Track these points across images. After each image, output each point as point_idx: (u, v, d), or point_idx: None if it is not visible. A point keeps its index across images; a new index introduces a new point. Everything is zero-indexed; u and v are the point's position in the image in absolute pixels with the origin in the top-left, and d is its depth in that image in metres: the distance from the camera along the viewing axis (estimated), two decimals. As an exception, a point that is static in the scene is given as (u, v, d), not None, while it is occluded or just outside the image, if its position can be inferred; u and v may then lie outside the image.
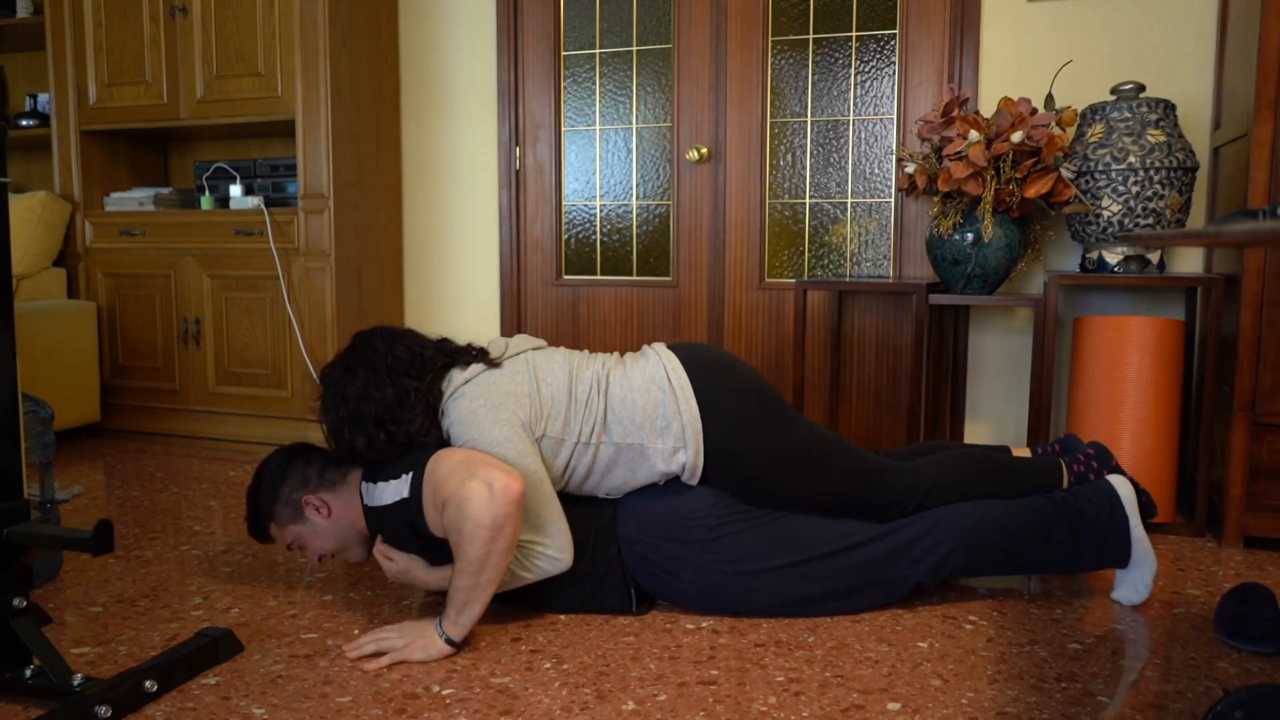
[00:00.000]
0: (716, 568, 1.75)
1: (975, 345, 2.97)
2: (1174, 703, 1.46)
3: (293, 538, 1.82)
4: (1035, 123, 2.44)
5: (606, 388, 1.76)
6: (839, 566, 1.76)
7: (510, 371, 1.75)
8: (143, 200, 3.48)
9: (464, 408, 1.70)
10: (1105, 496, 1.81)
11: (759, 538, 1.76)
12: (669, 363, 1.78)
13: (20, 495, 1.48)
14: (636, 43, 3.27)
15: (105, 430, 3.59)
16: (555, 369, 1.77)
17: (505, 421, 1.68)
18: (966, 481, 1.86)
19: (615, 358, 1.84)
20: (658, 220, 3.30)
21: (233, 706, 1.44)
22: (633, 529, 1.77)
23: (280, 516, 1.80)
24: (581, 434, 1.73)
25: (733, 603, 1.78)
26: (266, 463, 1.84)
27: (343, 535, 1.80)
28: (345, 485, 1.80)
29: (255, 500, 1.82)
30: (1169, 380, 2.33)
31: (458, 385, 1.73)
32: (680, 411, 1.73)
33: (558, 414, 1.73)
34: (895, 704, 1.45)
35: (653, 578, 1.79)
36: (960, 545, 1.77)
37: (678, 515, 1.76)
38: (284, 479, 1.80)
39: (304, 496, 1.78)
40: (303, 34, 3.14)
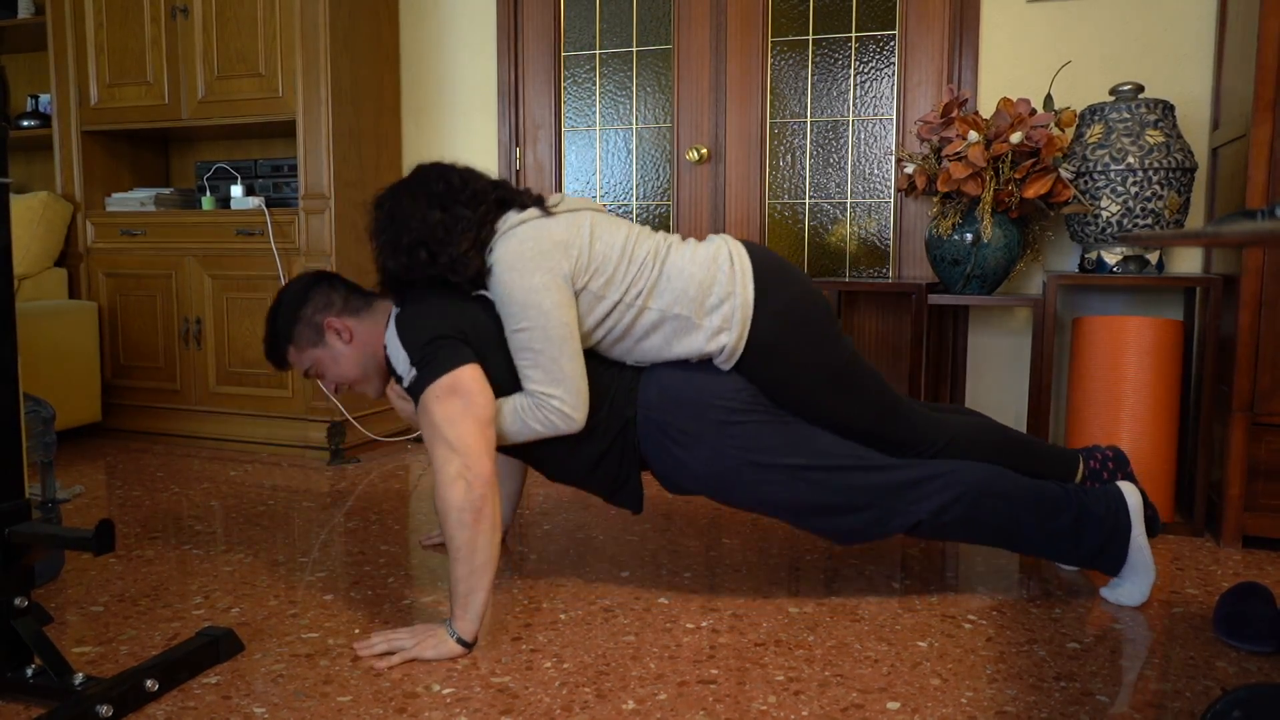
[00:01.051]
0: (728, 451, 1.75)
1: (974, 345, 2.97)
2: (1173, 702, 1.46)
3: (311, 363, 1.81)
4: (1034, 123, 2.44)
5: (666, 256, 1.76)
6: (847, 482, 1.76)
7: (565, 222, 1.73)
8: (144, 200, 3.49)
9: (512, 248, 1.69)
10: (1114, 500, 1.81)
11: (778, 433, 1.77)
12: (735, 247, 1.79)
13: (21, 495, 1.48)
14: (636, 43, 3.27)
15: (106, 430, 3.59)
16: (614, 230, 1.76)
17: (549, 269, 1.67)
18: (987, 446, 1.87)
19: (678, 236, 1.85)
20: (658, 221, 3.30)
21: (234, 706, 1.45)
22: (654, 395, 1.77)
23: (300, 339, 1.79)
24: (627, 295, 1.73)
25: (735, 489, 1.77)
26: (289, 286, 1.82)
27: (364, 363, 1.80)
28: (370, 312, 1.80)
29: (275, 321, 1.80)
30: (1168, 380, 2.33)
31: (512, 225, 1.72)
32: (735, 293, 1.73)
33: (605, 270, 1.72)
34: (895, 703, 1.46)
35: (660, 449, 1.78)
36: (966, 496, 1.77)
37: (703, 391, 1.76)
38: (306, 300, 1.79)
39: (326, 319, 1.77)
40: (303, 34, 3.14)
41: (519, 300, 1.67)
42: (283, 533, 2.33)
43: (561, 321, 1.67)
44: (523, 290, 1.66)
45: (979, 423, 1.93)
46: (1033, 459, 1.91)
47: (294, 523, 2.42)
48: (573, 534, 2.33)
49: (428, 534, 2.30)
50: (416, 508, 2.57)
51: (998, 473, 1.81)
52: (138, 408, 3.55)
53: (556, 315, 1.66)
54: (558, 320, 1.66)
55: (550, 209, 1.75)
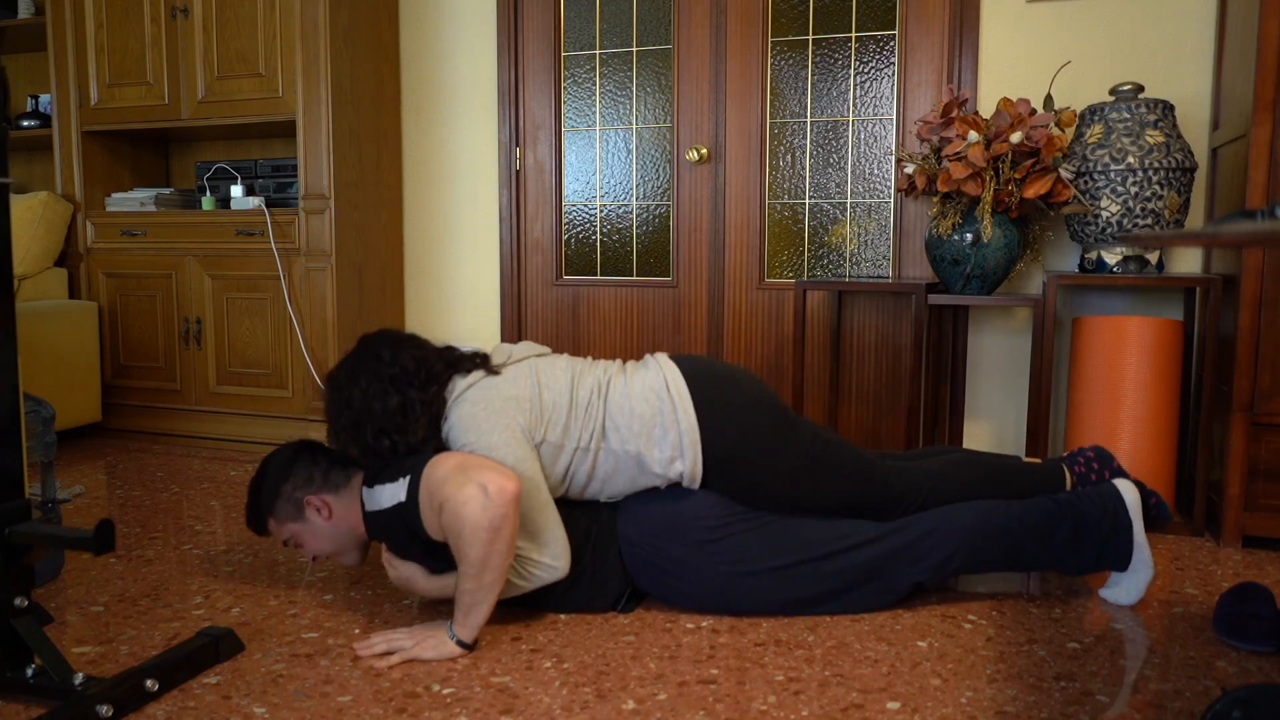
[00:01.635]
0: (718, 568, 1.76)
1: (974, 345, 2.97)
2: (1173, 702, 1.46)
3: (289, 535, 1.82)
4: (1034, 123, 2.44)
5: (606, 394, 1.76)
6: (840, 566, 1.77)
7: (512, 376, 1.75)
8: (144, 201, 3.49)
9: (465, 412, 1.70)
10: (1110, 500, 1.81)
11: (760, 539, 1.77)
12: (669, 372, 1.78)
13: (22, 495, 1.48)
14: (636, 43, 3.27)
15: (106, 430, 3.59)
16: (558, 374, 1.77)
17: (505, 426, 1.68)
18: (969, 483, 1.86)
19: (618, 365, 1.85)
20: (657, 221, 3.30)
21: (234, 706, 1.45)
22: (632, 531, 1.78)
23: (280, 513, 1.80)
24: (581, 439, 1.73)
25: (734, 603, 1.78)
26: (272, 457, 1.84)
27: (340, 538, 1.80)
28: (348, 488, 1.80)
29: (258, 494, 1.81)
30: (1168, 380, 2.33)
31: (460, 390, 1.73)
32: (679, 420, 1.73)
33: (558, 419, 1.73)
34: (895, 703, 1.46)
35: (654, 579, 1.79)
36: (962, 546, 1.77)
37: (678, 517, 1.77)
38: (289, 476, 1.80)
39: (306, 496, 1.78)
40: (303, 34, 3.14)
41: None
42: (283, 533, 2.33)
43: (527, 475, 1.67)
44: (484, 448, 1.67)
45: (959, 459, 1.92)
46: (1019, 481, 1.90)
47: (294, 523, 2.42)
48: (573, 534, 2.33)
49: None
50: (416, 508, 2.57)
51: (987, 510, 1.80)
52: (138, 408, 3.55)
53: (520, 469, 1.67)
54: (522, 474, 1.66)
55: (495, 368, 1.76)
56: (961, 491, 1.85)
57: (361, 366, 1.77)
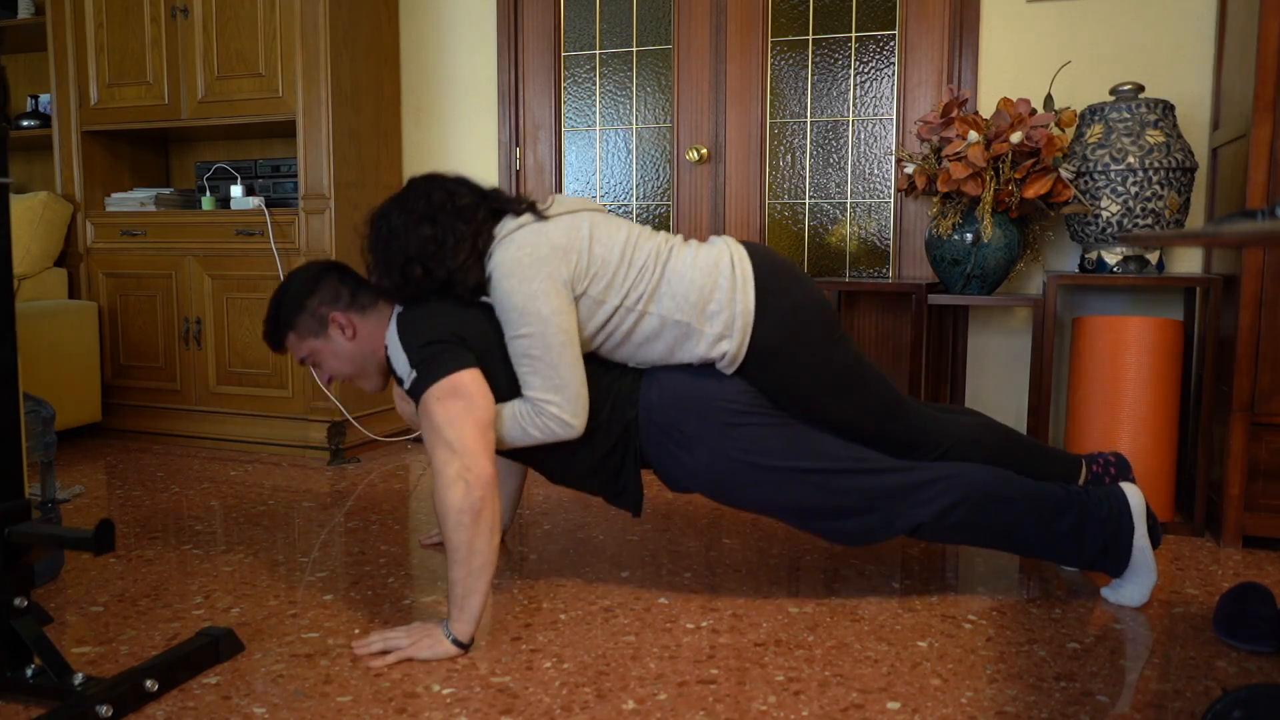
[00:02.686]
0: (731, 453, 1.75)
1: (974, 345, 2.97)
2: (1173, 702, 1.46)
3: (309, 352, 1.81)
4: (1034, 123, 2.44)
5: (668, 260, 1.75)
6: (849, 485, 1.76)
7: (563, 225, 1.72)
8: (144, 200, 3.49)
9: (510, 254, 1.68)
10: (1117, 501, 1.81)
11: (780, 435, 1.76)
12: (737, 252, 1.77)
13: (21, 495, 1.48)
14: (636, 43, 3.27)
15: (106, 430, 3.59)
16: (614, 232, 1.75)
17: (547, 275, 1.66)
18: (991, 448, 1.87)
19: (680, 238, 1.83)
20: (658, 221, 3.30)
21: (233, 706, 1.45)
22: (654, 397, 1.77)
23: (303, 327, 1.79)
24: (628, 299, 1.72)
25: (736, 491, 1.77)
26: (297, 272, 1.81)
27: (362, 359, 1.80)
28: (375, 311, 1.79)
29: (279, 306, 1.79)
30: (1168, 380, 2.33)
31: (509, 231, 1.71)
32: (736, 300, 1.72)
33: (604, 274, 1.71)
34: (895, 703, 1.46)
35: (662, 450, 1.78)
36: (969, 498, 1.77)
37: (705, 392, 1.76)
38: (315, 290, 1.78)
39: (332, 312, 1.77)
40: (303, 35, 3.14)
41: (518, 306, 1.66)
42: (283, 533, 2.33)
43: (560, 328, 1.66)
44: (521, 296, 1.66)
45: (983, 424, 1.92)
46: (1036, 461, 1.91)
47: (294, 523, 2.42)
48: (573, 534, 2.33)
49: (427, 533, 2.30)
50: (416, 508, 2.57)
51: (1001, 475, 1.81)
52: (138, 408, 3.55)
53: (555, 321, 1.66)
54: (556, 326, 1.66)
55: (546, 212, 1.74)
56: (980, 454, 1.86)
57: (395, 202, 1.75)
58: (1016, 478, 1.82)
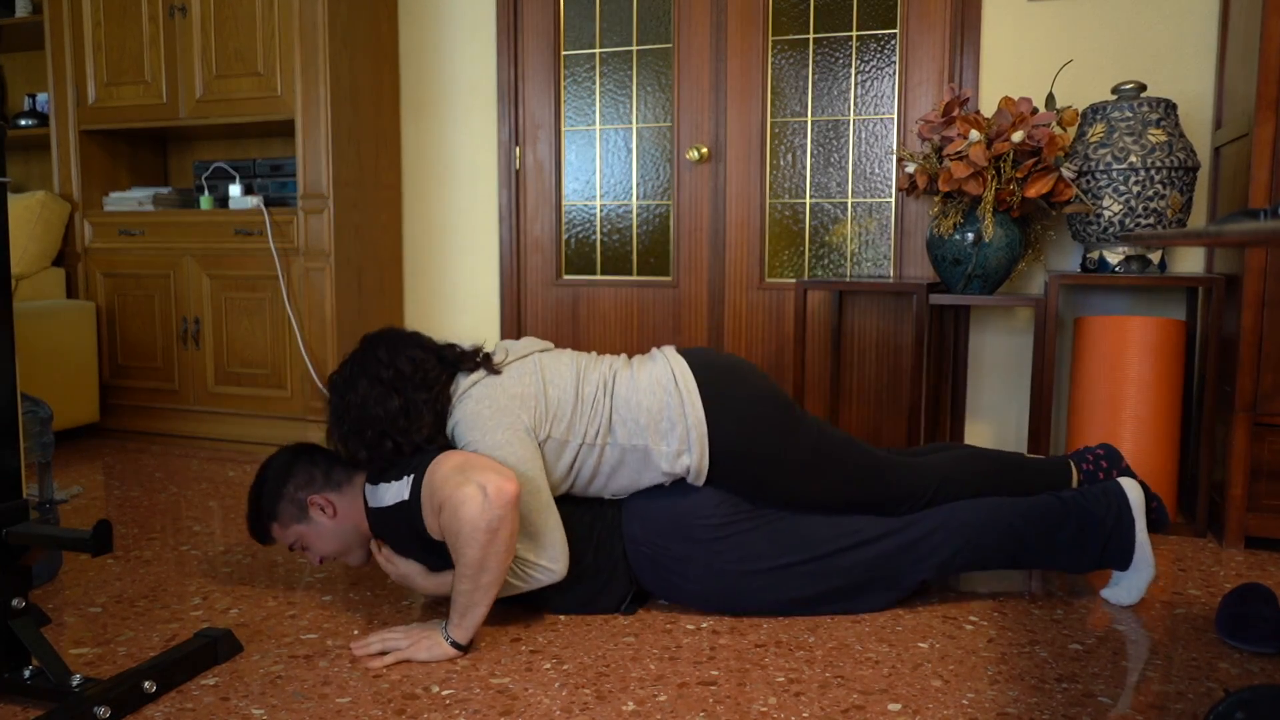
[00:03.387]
0: (723, 567, 1.75)
1: (976, 345, 2.97)
2: (1175, 703, 1.46)
3: (295, 538, 1.80)
4: (1036, 122, 2.43)
5: (613, 388, 1.76)
6: (846, 564, 1.76)
7: (517, 374, 1.74)
8: (142, 200, 3.48)
9: (469, 409, 1.69)
10: (1114, 498, 1.81)
11: (765, 537, 1.76)
12: (676, 366, 1.77)
13: (19, 495, 1.47)
14: (636, 42, 3.26)
15: (104, 430, 3.58)
16: (563, 370, 1.77)
17: (509, 425, 1.68)
18: (976, 478, 1.86)
19: (623, 360, 1.84)
20: (658, 220, 3.29)
21: (232, 707, 1.44)
22: (637, 529, 1.77)
23: (284, 516, 1.79)
24: (587, 435, 1.73)
25: (739, 602, 1.77)
26: (270, 462, 1.82)
27: (346, 536, 1.79)
28: (350, 486, 1.79)
29: (259, 498, 1.80)
30: (1170, 380, 2.33)
31: (465, 388, 1.72)
32: (686, 414, 1.72)
33: (563, 415, 1.72)
34: (896, 704, 1.45)
35: (658, 577, 1.79)
36: (967, 544, 1.77)
37: (683, 514, 1.76)
38: (290, 477, 1.79)
39: (309, 496, 1.77)
40: (302, 34, 3.14)
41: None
42: (281, 533, 2.32)
43: (529, 475, 1.66)
44: (487, 447, 1.66)
45: (963, 455, 1.91)
46: (1025, 477, 1.90)
47: (293, 523, 2.41)
48: (572, 534, 2.32)
49: None
50: (416, 508, 2.56)
51: (993, 507, 1.80)
52: (136, 408, 3.54)
53: (523, 469, 1.66)
54: (524, 474, 1.65)
55: (496, 367, 1.75)
56: (968, 488, 1.84)
57: (361, 369, 1.76)
58: (1008, 504, 1.81)
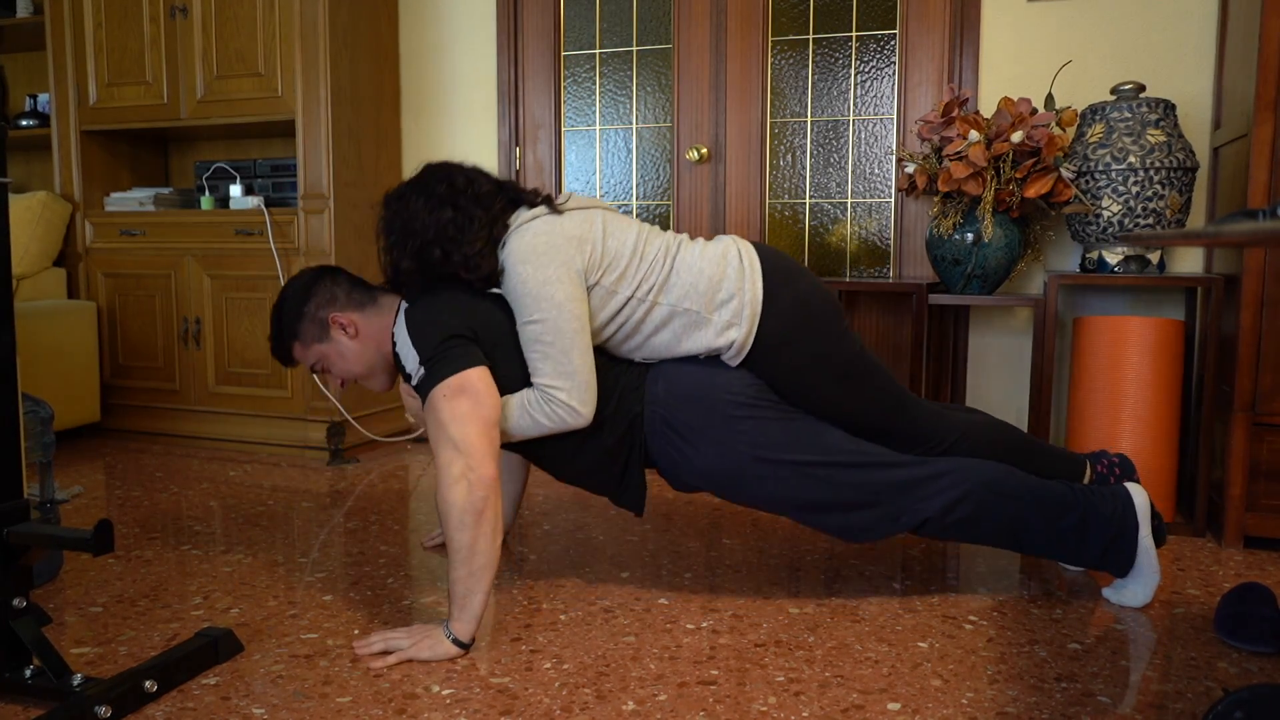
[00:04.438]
0: (736, 446, 1.75)
1: (975, 345, 2.97)
2: (1174, 703, 1.46)
3: (317, 358, 1.81)
4: (1035, 123, 2.44)
5: (677, 253, 1.77)
6: (854, 479, 1.76)
7: (578, 218, 1.74)
8: (143, 200, 3.48)
9: (525, 241, 1.69)
10: (1121, 501, 1.81)
11: (785, 429, 1.77)
12: (744, 246, 1.80)
13: (20, 495, 1.48)
14: (636, 43, 3.27)
15: (105, 430, 3.59)
16: (626, 229, 1.78)
17: (562, 263, 1.68)
18: (995, 445, 1.87)
19: (688, 236, 1.86)
20: (658, 220, 3.30)
21: (232, 707, 1.44)
22: (661, 389, 1.77)
23: (305, 334, 1.79)
24: (639, 290, 1.74)
25: (740, 485, 1.77)
26: (292, 281, 1.83)
27: (369, 358, 1.81)
28: (375, 306, 1.80)
29: (280, 318, 1.80)
30: (1169, 380, 2.33)
31: (524, 220, 1.72)
32: (745, 288, 1.74)
33: (617, 266, 1.73)
34: (895, 704, 1.45)
35: (667, 445, 1.78)
36: (974, 494, 1.76)
37: (711, 385, 1.76)
38: (310, 296, 1.79)
39: (331, 314, 1.78)
40: (303, 34, 3.14)
41: (531, 293, 1.67)
42: (282, 533, 2.33)
43: (573, 314, 1.67)
44: (536, 283, 1.66)
45: (987, 421, 1.92)
46: (1040, 459, 1.91)
47: (293, 523, 2.41)
48: (573, 534, 2.32)
49: (429, 534, 2.30)
50: (416, 508, 2.56)
51: (1006, 471, 1.80)
52: (137, 408, 3.55)
53: (569, 308, 1.67)
54: (569, 314, 1.67)
55: (561, 206, 1.76)
56: (985, 451, 1.86)
57: (416, 186, 1.76)
58: (1021, 474, 1.82)
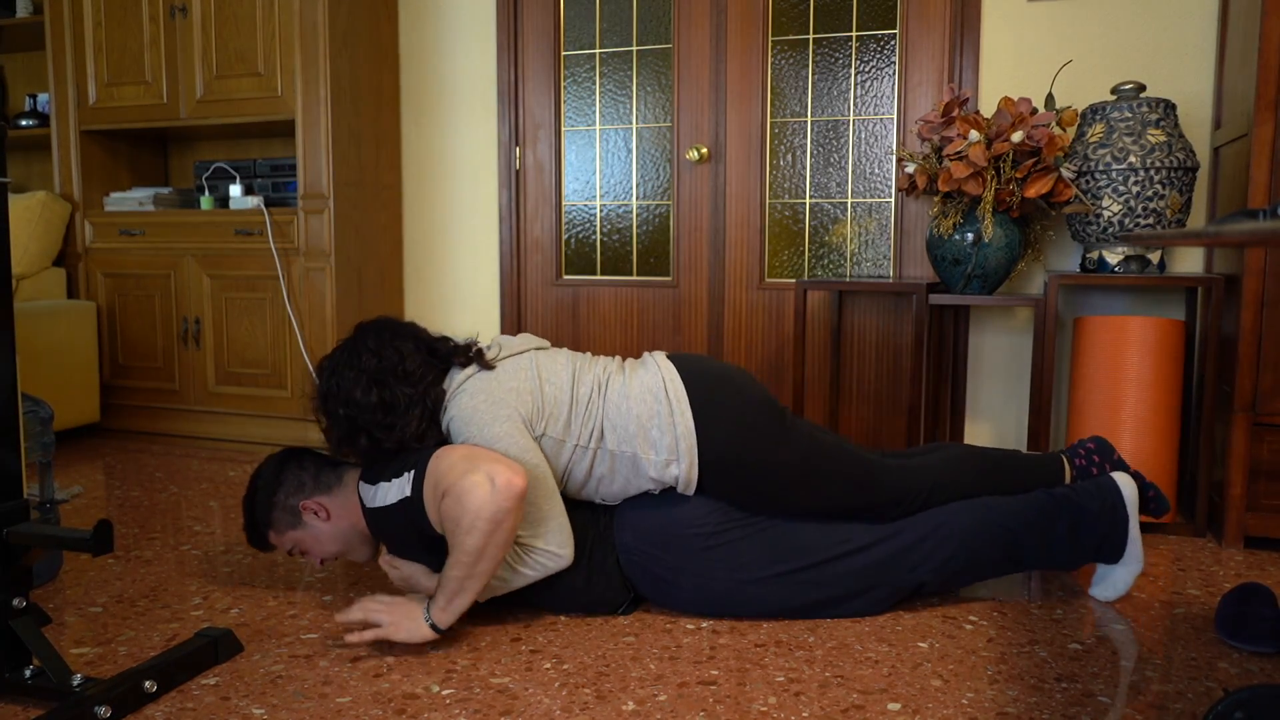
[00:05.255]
0: (715, 576, 1.74)
1: (975, 345, 2.97)
2: (1174, 703, 1.46)
3: (293, 544, 1.80)
4: (1035, 122, 2.43)
5: (606, 392, 1.75)
6: (841, 571, 1.75)
7: (513, 369, 1.73)
8: (142, 200, 3.48)
9: (465, 404, 1.69)
10: (1109, 494, 1.81)
11: (758, 544, 1.75)
12: (667, 374, 1.76)
13: (20, 495, 1.48)
14: (636, 43, 3.26)
15: (105, 430, 3.59)
16: (558, 369, 1.76)
17: (506, 418, 1.67)
18: (969, 479, 1.85)
19: (616, 363, 1.83)
20: (658, 220, 3.29)
21: (232, 707, 1.44)
22: (629, 538, 1.76)
23: (279, 524, 1.79)
24: (580, 437, 1.72)
25: (735, 608, 1.77)
26: (259, 471, 1.82)
27: (344, 536, 1.79)
28: (342, 487, 1.79)
29: (252, 509, 1.80)
30: (1169, 380, 2.33)
31: (459, 383, 1.72)
32: (675, 424, 1.71)
33: (560, 414, 1.72)
34: (895, 704, 1.45)
35: (652, 585, 1.78)
36: (962, 547, 1.76)
37: (674, 524, 1.75)
38: (279, 485, 1.78)
39: (301, 501, 1.77)
40: (302, 34, 3.14)
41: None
42: (282, 533, 2.33)
43: (532, 464, 1.65)
44: (485, 441, 1.65)
45: (956, 455, 1.91)
46: (1018, 476, 1.89)
47: (293, 523, 2.41)
48: (573, 534, 2.32)
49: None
50: (416, 508, 2.56)
51: (985, 509, 1.80)
52: (136, 408, 3.55)
53: (525, 459, 1.65)
54: (528, 463, 1.65)
55: (489, 363, 1.73)
56: (962, 488, 1.84)
57: (345, 361, 1.74)
58: (1001, 504, 1.81)
